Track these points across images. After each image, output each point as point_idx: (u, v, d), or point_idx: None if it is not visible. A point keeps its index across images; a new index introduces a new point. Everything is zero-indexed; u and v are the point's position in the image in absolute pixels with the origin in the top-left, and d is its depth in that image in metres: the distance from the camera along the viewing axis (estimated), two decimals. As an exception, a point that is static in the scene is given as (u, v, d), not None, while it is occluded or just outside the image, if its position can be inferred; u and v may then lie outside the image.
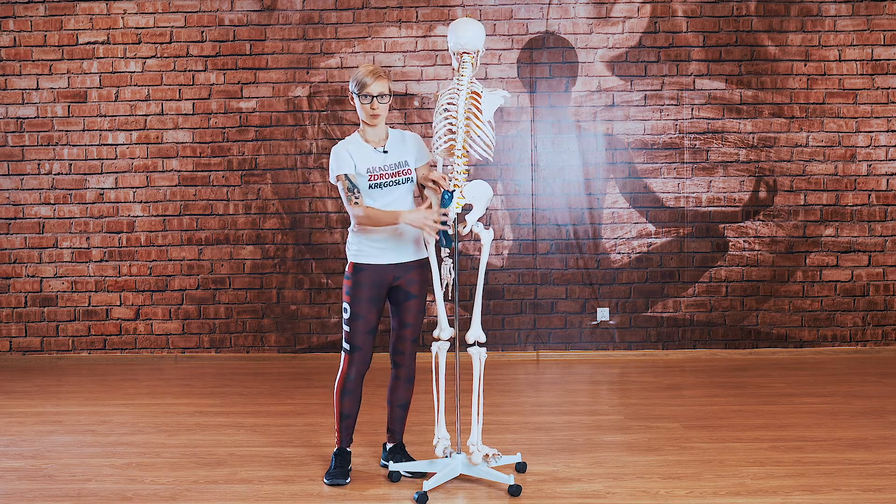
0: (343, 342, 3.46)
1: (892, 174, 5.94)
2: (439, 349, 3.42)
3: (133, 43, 6.03)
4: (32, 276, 6.12)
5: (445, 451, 3.41)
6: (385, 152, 3.40)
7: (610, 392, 5.09)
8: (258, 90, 6.02)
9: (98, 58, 6.04)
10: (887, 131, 5.92)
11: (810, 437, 3.99)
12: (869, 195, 5.95)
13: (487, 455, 3.38)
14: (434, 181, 3.37)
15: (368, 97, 3.33)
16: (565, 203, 6.00)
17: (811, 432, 4.08)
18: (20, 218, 6.11)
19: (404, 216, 3.27)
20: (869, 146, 5.93)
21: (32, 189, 6.10)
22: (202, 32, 6.02)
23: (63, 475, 3.62)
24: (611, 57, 5.95)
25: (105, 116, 6.05)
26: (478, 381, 3.38)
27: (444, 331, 3.41)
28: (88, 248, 6.09)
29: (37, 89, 6.07)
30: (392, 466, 3.48)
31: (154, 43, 6.03)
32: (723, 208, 5.96)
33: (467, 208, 3.38)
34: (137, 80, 6.04)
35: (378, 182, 3.36)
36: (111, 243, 6.09)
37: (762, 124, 5.93)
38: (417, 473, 3.51)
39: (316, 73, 6.00)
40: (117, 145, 6.06)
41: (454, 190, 3.31)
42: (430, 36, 5.96)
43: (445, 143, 3.32)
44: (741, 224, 5.95)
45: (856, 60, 5.91)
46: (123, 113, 6.05)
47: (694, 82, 5.94)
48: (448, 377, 3.71)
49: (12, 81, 6.07)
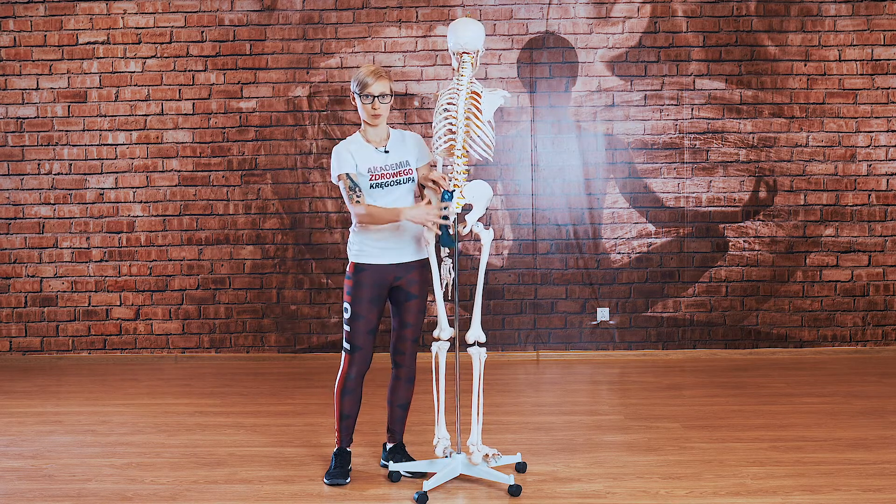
0: (343, 342, 3.46)
1: (892, 174, 5.94)
2: (439, 349, 3.42)
3: (133, 43, 6.03)
4: (32, 276, 6.12)
5: (445, 451, 3.41)
6: (386, 152, 3.40)
7: (610, 392, 5.09)
8: (258, 90, 6.02)
9: (98, 58, 6.04)
10: (887, 131, 5.92)
11: (810, 437, 3.99)
12: (869, 195, 5.95)
13: (487, 455, 3.38)
14: (434, 181, 3.37)
15: (370, 97, 3.33)
16: (565, 203, 6.00)
17: (811, 432, 4.08)
18: (20, 218, 6.11)
19: (406, 212, 3.28)
20: (869, 146, 5.93)
21: (32, 189, 6.10)
22: (202, 32, 6.02)
23: (63, 475, 3.62)
24: (611, 57, 5.95)
25: (105, 116, 6.05)
26: (478, 381, 3.38)
27: (444, 331, 3.41)
28: (88, 248, 6.09)
29: (37, 89, 6.07)
30: (392, 466, 3.48)
31: (154, 43, 6.03)
32: (723, 208, 5.96)
33: (467, 208, 3.38)
34: (137, 80, 6.04)
35: (379, 182, 3.36)
36: (111, 243, 6.09)
37: (762, 124, 5.93)
38: (417, 473, 3.51)
39: (316, 73, 6.00)
40: (117, 145, 6.06)
41: (454, 190, 3.31)
42: (430, 36, 5.96)
43: (445, 143, 3.32)
44: (741, 224, 5.95)
45: (856, 60, 5.91)
46: (123, 113, 6.05)
47: (694, 82, 5.94)
48: (448, 377, 3.71)
49: (12, 81, 6.07)
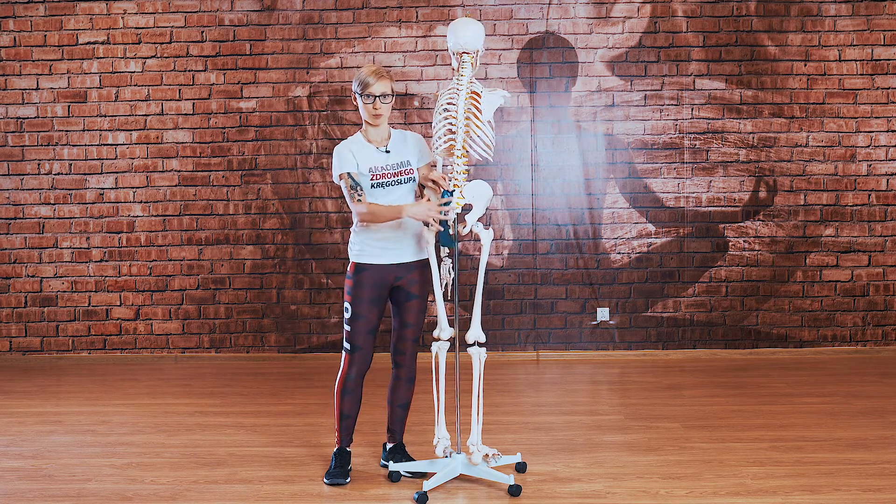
0: (344, 342, 3.46)
1: (892, 174, 5.94)
2: (439, 349, 3.42)
3: (133, 43, 6.03)
4: (32, 276, 6.12)
5: (446, 451, 3.41)
6: (387, 152, 3.41)
7: (610, 392, 5.09)
8: (258, 90, 6.02)
9: (98, 58, 6.04)
10: (887, 131, 5.92)
11: (810, 437, 3.99)
12: (869, 195, 5.95)
13: (487, 455, 3.38)
14: (434, 181, 3.38)
15: (371, 97, 3.34)
16: (565, 203, 6.00)
17: (811, 432, 4.08)
18: (20, 218, 6.11)
19: (408, 209, 3.29)
20: (869, 146, 5.93)
21: (32, 189, 6.10)
22: (202, 32, 6.02)
23: (63, 475, 3.62)
24: (611, 57, 5.95)
25: (105, 116, 6.05)
26: (478, 381, 3.38)
27: (444, 331, 3.41)
28: (88, 248, 6.09)
29: (37, 89, 6.07)
30: (392, 466, 3.48)
31: (154, 43, 6.03)
32: (723, 208, 5.96)
33: (467, 208, 3.38)
34: (137, 80, 6.04)
35: (380, 181, 3.36)
36: (111, 243, 6.09)
37: (762, 124, 5.93)
38: (417, 473, 3.51)
39: (316, 73, 6.00)
40: (117, 145, 6.06)
41: (454, 190, 3.31)
42: (430, 36, 5.96)
43: (445, 143, 3.32)
44: (741, 224, 5.95)
45: (856, 60, 5.91)
46: (123, 113, 6.05)
47: (694, 82, 5.94)
48: (448, 377, 3.71)
49: (12, 81, 6.07)
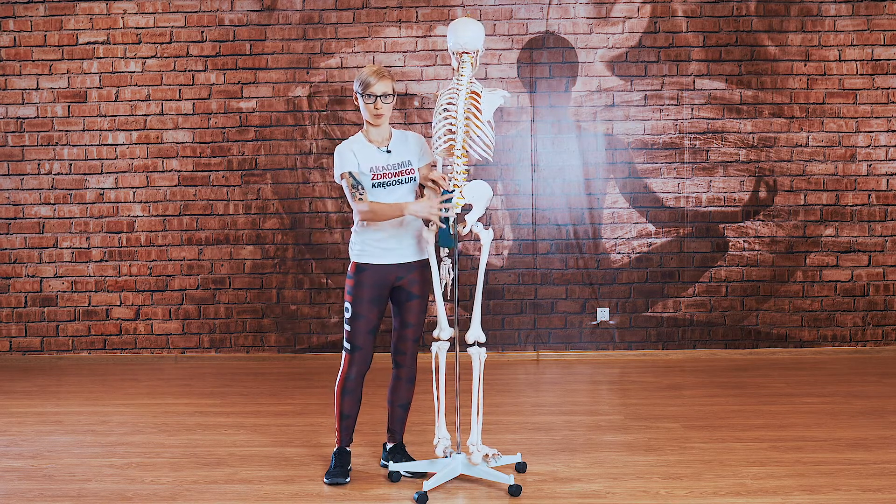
0: (344, 342, 3.46)
1: (892, 174, 5.94)
2: (439, 349, 3.42)
3: (133, 43, 6.03)
4: (32, 276, 6.12)
5: (446, 451, 3.41)
6: (388, 152, 3.41)
7: (610, 392, 5.09)
8: (258, 90, 6.02)
9: (98, 58, 6.04)
10: (887, 131, 5.92)
11: (810, 437, 3.99)
12: (869, 195, 5.95)
13: (487, 455, 3.38)
14: (434, 181, 3.38)
15: (372, 97, 3.34)
16: (565, 203, 6.00)
17: (811, 432, 4.08)
18: (20, 218, 6.11)
19: (409, 207, 3.29)
20: (869, 146, 5.93)
21: (32, 189, 6.10)
22: (202, 32, 6.02)
23: (63, 475, 3.62)
24: (611, 57, 5.95)
25: (105, 116, 6.05)
26: (477, 382, 3.38)
27: (444, 331, 3.41)
28: (88, 248, 6.09)
29: (37, 89, 6.07)
30: (392, 466, 3.48)
31: (154, 43, 6.03)
32: (723, 208, 5.96)
33: (467, 208, 3.38)
34: (137, 80, 6.04)
35: (381, 181, 3.37)
36: (111, 243, 6.09)
37: (762, 124, 5.93)
38: (417, 473, 3.51)
39: (316, 73, 6.00)
40: (117, 145, 6.06)
41: (453, 191, 3.31)
42: (430, 36, 5.96)
43: (445, 143, 3.32)
44: (741, 224, 5.95)
45: (856, 60, 5.91)
46: (123, 113, 6.05)
47: (694, 82, 5.94)
48: (448, 377, 3.71)
49: (12, 81, 6.07)
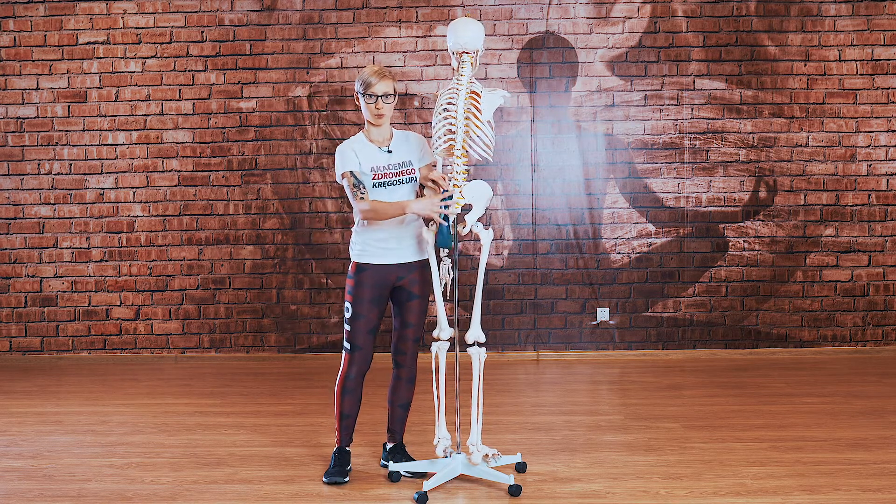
0: (344, 341, 3.46)
1: (892, 174, 5.94)
2: (439, 349, 3.42)
3: (133, 43, 6.03)
4: (32, 276, 6.12)
5: (446, 451, 3.41)
6: (389, 152, 3.41)
7: (610, 392, 5.09)
8: (258, 90, 6.02)
9: (98, 58, 6.04)
10: (887, 131, 5.92)
11: (810, 437, 3.99)
12: (869, 195, 5.95)
13: (487, 455, 3.38)
14: (434, 181, 3.38)
15: (373, 97, 3.34)
16: (565, 203, 6.00)
17: (811, 432, 4.08)
18: (20, 218, 6.11)
19: (411, 205, 3.30)
20: (869, 146, 5.93)
21: (32, 189, 6.10)
22: (202, 32, 6.02)
23: (63, 475, 3.62)
24: (611, 57, 5.95)
25: (105, 116, 6.05)
26: (477, 382, 3.38)
27: (444, 331, 3.41)
28: (88, 248, 6.09)
29: (37, 89, 6.07)
30: (392, 466, 3.48)
31: (154, 43, 6.03)
32: (723, 208, 5.96)
33: (467, 208, 3.38)
34: (137, 80, 6.04)
35: (382, 181, 3.37)
36: (111, 243, 6.09)
37: (762, 124, 5.93)
38: (417, 473, 3.51)
39: (316, 73, 6.00)
40: (117, 145, 6.06)
41: (454, 190, 3.31)
42: (430, 36, 5.96)
43: (445, 143, 3.32)
44: (741, 224, 5.95)
45: (856, 60, 5.91)
46: (123, 113, 6.05)
47: (694, 82, 5.94)
48: (448, 377, 3.71)
49: (12, 81, 6.07)
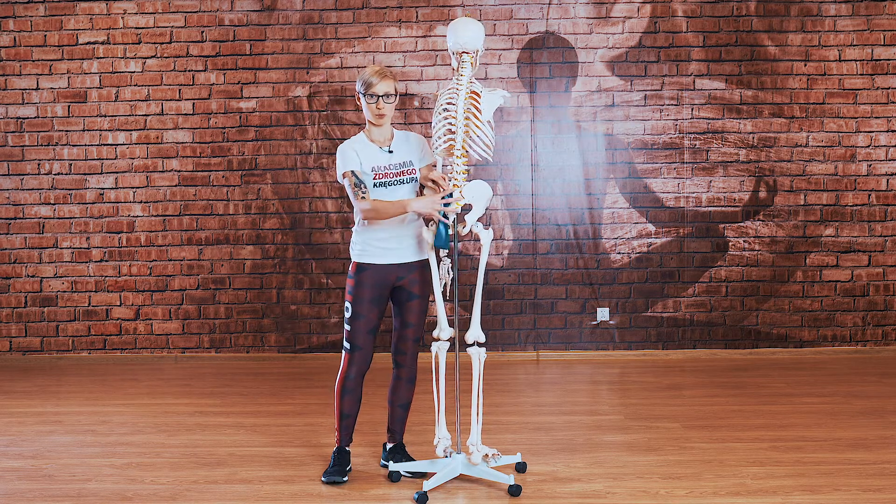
0: (344, 341, 3.46)
1: (892, 174, 5.94)
2: (439, 349, 3.42)
3: (133, 43, 6.03)
4: (32, 276, 6.12)
5: (446, 451, 3.41)
6: (390, 152, 3.41)
7: (610, 392, 5.09)
8: (258, 90, 6.02)
9: (98, 58, 6.04)
10: (887, 131, 5.92)
11: (810, 437, 3.99)
12: (869, 195, 5.95)
13: (487, 455, 3.38)
14: (434, 181, 3.38)
15: (374, 97, 3.34)
16: (565, 203, 6.00)
17: (811, 432, 4.08)
18: (20, 218, 6.11)
19: (412, 204, 3.30)
20: (869, 146, 5.93)
21: (32, 189, 6.10)
22: (202, 32, 6.02)
23: (63, 475, 3.62)
24: (611, 57, 5.95)
25: (105, 116, 6.05)
26: (477, 382, 3.38)
27: (444, 331, 3.41)
28: (88, 248, 6.09)
29: (37, 89, 6.07)
30: (392, 466, 3.48)
31: (154, 43, 6.03)
32: (723, 208, 5.96)
33: (467, 208, 3.38)
34: (137, 80, 6.04)
35: (383, 181, 3.37)
36: (111, 243, 6.09)
37: (762, 124, 5.93)
38: (417, 473, 3.51)
39: (316, 73, 6.00)
40: (117, 145, 6.06)
41: (454, 190, 3.31)
42: (430, 36, 5.96)
43: (445, 143, 3.32)
44: (741, 224, 5.95)
45: (856, 60, 5.91)
46: (123, 113, 6.05)
47: (694, 82, 5.94)
48: (448, 377, 3.71)
49: (12, 81, 6.07)
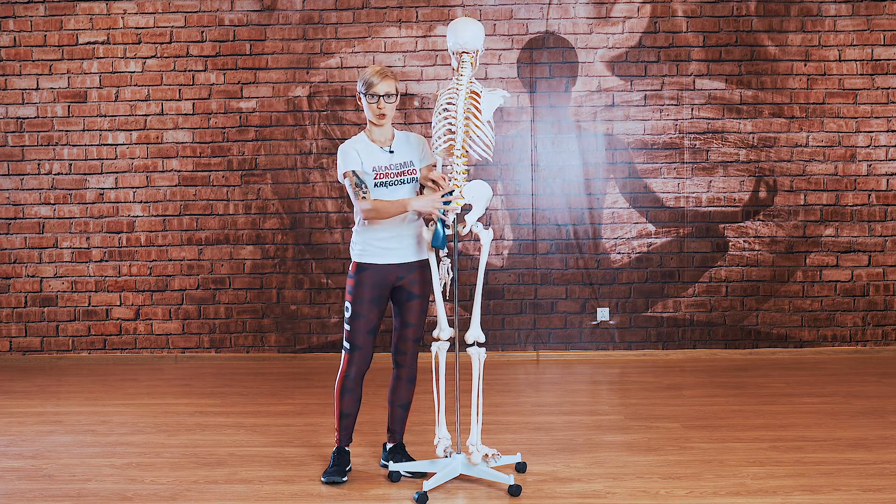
0: (344, 341, 3.46)
1: (892, 174, 5.94)
2: (439, 349, 3.43)
3: (133, 43, 6.03)
4: (32, 276, 6.12)
5: (446, 451, 3.41)
6: (391, 152, 3.41)
7: (610, 392, 5.09)
8: (258, 90, 6.02)
9: (98, 58, 6.04)
10: (887, 131, 5.92)
11: (810, 437, 3.99)
12: (869, 195, 5.95)
13: (487, 455, 3.38)
14: (434, 181, 3.38)
15: (375, 97, 3.34)
16: (565, 203, 6.00)
17: (811, 432, 4.08)
18: (20, 218, 6.11)
19: (412, 203, 3.30)
20: (869, 146, 5.93)
21: (32, 189, 6.10)
22: (202, 32, 6.02)
23: (63, 475, 3.62)
24: (611, 57, 5.95)
25: (105, 116, 6.05)
26: (477, 382, 3.38)
27: (444, 331, 3.41)
28: (88, 248, 6.09)
29: (37, 89, 6.07)
30: (392, 466, 3.48)
31: (154, 43, 6.03)
32: (723, 208, 5.96)
33: (467, 208, 3.38)
34: (137, 80, 6.04)
35: (384, 181, 3.37)
36: (111, 243, 6.09)
37: (762, 124, 5.93)
38: (417, 473, 3.51)
39: (316, 73, 6.00)
40: (117, 145, 6.06)
41: (453, 191, 3.31)
42: (430, 36, 5.96)
43: (445, 143, 3.32)
44: (741, 224, 5.95)
45: (856, 60, 5.91)
46: (123, 113, 6.05)
47: (694, 82, 5.94)
48: (448, 377, 3.71)
49: (12, 81, 6.07)
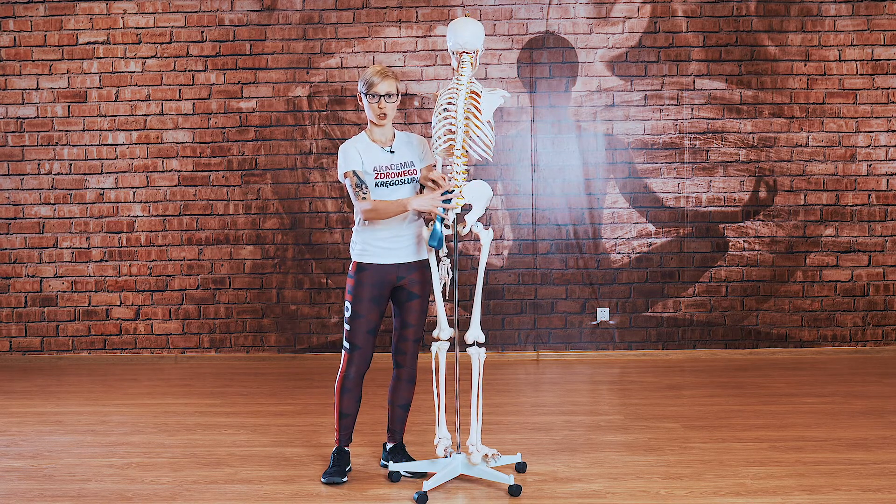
0: (343, 341, 3.46)
1: (892, 174, 5.94)
2: (439, 349, 3.42)
3: (133, 43, 6.03)
4: (32, 276, 6.12)
5: (446, 451, 3.41)
6: (392, 152, 3.41)
7: (610, 392, 5.09)
8: (258, 90, 6.02)
9: (98, 58, 6.04)
10: (887, 131, 5.92)
11: (810, 437, 3.99)
12: (869, 195, 5.95)
13: (487, 455, 3.38)
14: (434, 181, 3.38)
15: (376, 97, 3.34)
16: (565, 203, 6.00)
17: (811, 432, 4.08)
18: (20, 218, 6.11)
19: (412, 202, 3.30)
20: (869, 146, 5.93)
21: (32, 189, 6.10)
22: (202, 32, 6.02)
23: (63, 475, 3.62)
24: (611, 57, 5.95)
25: (105, 116, 6.05)
26: (477, 382, 3.38)
27: (444, 331, 3.41)
28: (88, 248, 6.09)
29: (37, 89, 6.07)
30: (392, 466, 3.48)
31: (154, 43, 6.03)
32: (723, 208, 5.96)
33: (467, 208, 3.38)
34: (137, 80, 6.04)
35: (384, 181, 3.37)
36: (111, 243, 6.09)
37: (762, 124, 5.93)
38: (417, 473, 3.51)
39: (316, 73, 6.00)
40: (117, 145, 6.06)
41: (453, 191, 3.31)
42: (430, 36, 5.96)
43: (445, 143, 3.32)
44: (741, 224, 5.95)
45: (856, 60, 5.91)
46: (123, 113, 6.05)
47: (694, 82, 5.94)
48: (448, 377, 3.71)
49: (12, 81, 6.07)
